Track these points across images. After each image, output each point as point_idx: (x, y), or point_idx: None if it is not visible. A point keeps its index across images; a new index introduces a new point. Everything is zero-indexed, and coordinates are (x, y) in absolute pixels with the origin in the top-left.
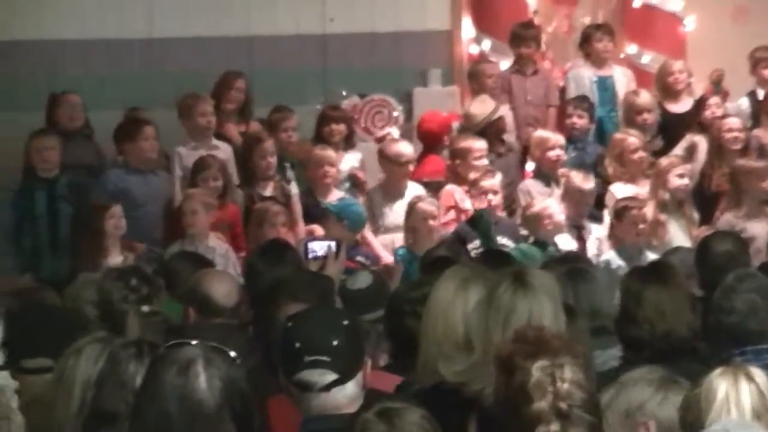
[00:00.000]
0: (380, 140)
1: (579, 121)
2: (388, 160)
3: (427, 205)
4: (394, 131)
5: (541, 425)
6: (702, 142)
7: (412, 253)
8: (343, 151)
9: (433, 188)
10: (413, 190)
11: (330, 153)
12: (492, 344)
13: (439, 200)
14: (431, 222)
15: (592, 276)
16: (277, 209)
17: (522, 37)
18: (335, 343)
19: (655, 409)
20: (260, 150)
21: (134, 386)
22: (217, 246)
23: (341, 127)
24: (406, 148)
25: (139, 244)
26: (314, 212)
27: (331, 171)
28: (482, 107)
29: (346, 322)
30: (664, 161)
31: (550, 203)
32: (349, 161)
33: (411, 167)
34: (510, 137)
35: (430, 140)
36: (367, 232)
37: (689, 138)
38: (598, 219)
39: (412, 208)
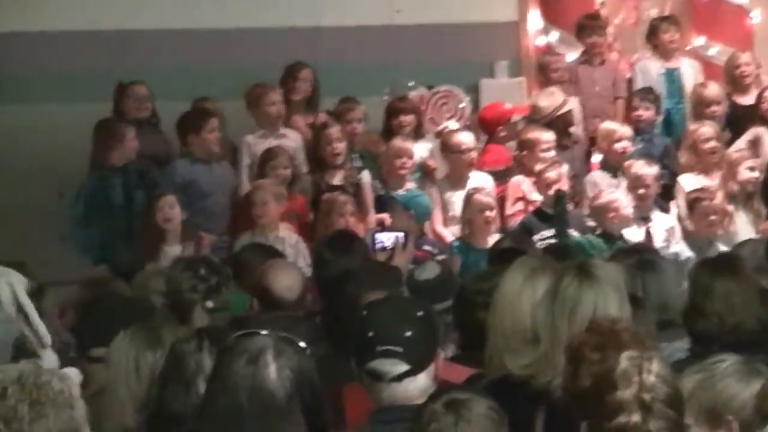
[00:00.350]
0: (440, 133)
1: (645, 113)
2: (449, 151)
3: (484, 197)
4: (452, 124)
5: (622, 415)
6: (765, 135)
7: (468, 245)
8: (412, 141)
9: (497, 177)
10: (478, 179)
11: (408, 145)
12: (558, 337)
13: (504, 190)
14: (488, 213)
15: (661, 267)
16: (345, 198)
17: (589, 27)
18: (408, 333)
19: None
20: (327, 136)
21: (197, 382)
22: (287, 236)
23: (410, 118)
24: (466, 138)
25: (208, 235)
26: (382, 202)
27: (408, 163)
28: (550, 100)
29: (420, 313)
30: (734, 153)
31: (618, 195)
32: (418, 152)
33: (473, 156)
34: (576, 129)
35: (485, 129)
36: (437, 223)
37: (753, 131)
38: (665, 210)
39: (468, 200)
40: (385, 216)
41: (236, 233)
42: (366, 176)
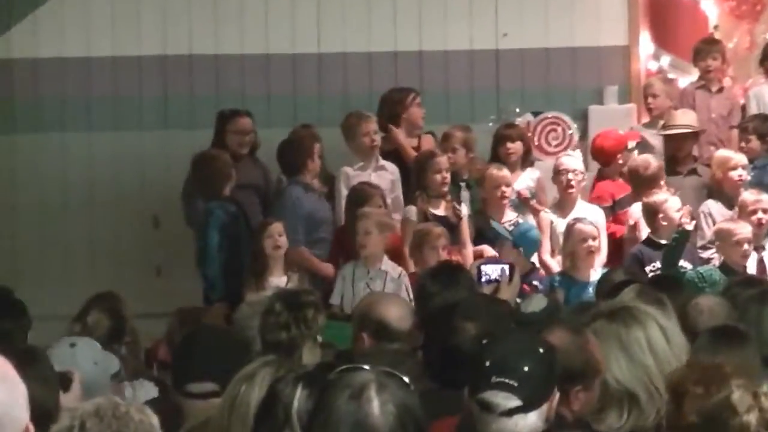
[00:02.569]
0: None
1: (746, 145)
2: (556, 175)
3: (586, 226)
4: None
5: None
6: None
7: (570, 278)
8: (520, 169)
9: (608, 212)
10: (586, 210)
11: (506, 173)
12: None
13: (618, 223)
14: (590, 243)
15: None
16: (439, 231)
17: (706, 50)
18: (526, 368)
19: None
20: (435, 165)
21: (292, 421)
22: (390, 270)
23: (517, 146)
24: (569, 160)
25: (328, 265)
26: (487, 235)
27: (507, 191)
28: (686, 117)
29: (542, 350)
30: None
31: (741, 227)
32: (525, 180)
33: (577, 180)
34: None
35: (602, 158)
36: (544, 252)
37: None
38: None
39: (570, 231)
40: (486, 247)
41: (335, 265)
42: (465, 209)
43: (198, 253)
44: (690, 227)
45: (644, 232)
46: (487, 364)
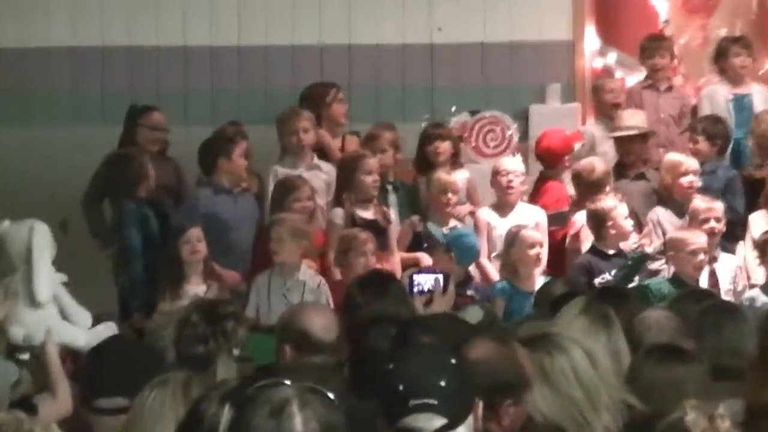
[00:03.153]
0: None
1: (694, 146)
2: (493, 176)
3: (532, 232)
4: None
5: None
6: None
7: (513, 287)
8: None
9: (557, 221)
10: (530, 214)
11: (453, 179)
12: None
13: (565, 233)
14: (538, 251)
15: (741, 315)
16: (366, 236)
17: (653, 48)
18: (443, 383)
19: None
20: (365, 166)
21: None
22: (308, 279)
23: (446, 146)
24: (508, 162)
25: (233, 273)
26: (421, 241)
27: (453, 198)
28: (635, 119)
29: (453, 361)
30: None
31: (694, 236)
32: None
33: (515, 182)
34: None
35: (549, 160)
36: (482, 256)
37: None
38: (730, 250)
39: (514, 237)
40: (422, 254)
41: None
42: (393, 214)
43: (117, 256)
44: (650, 249)
45: (586, 240)
46: (401, 388)
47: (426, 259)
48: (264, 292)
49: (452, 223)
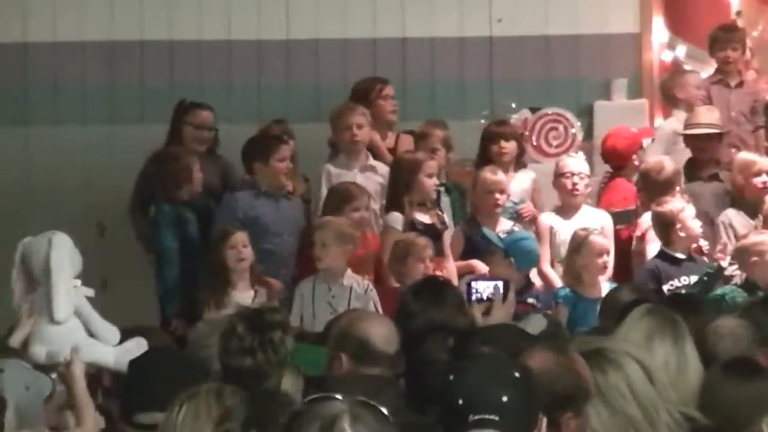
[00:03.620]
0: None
1: None
2: (556, 178)
3: (600, 239)
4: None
5: None
6: None
7: (577, 294)
8: (513, 171)
9: (623, 219)
10: (594, 217)
11: (501, 177)
12: None
13: (630, 233)
14: (605, 259)
15: None
16: (425, 242)
17: (724, 40)
18: (505, 398)
19: None
20: (426, 168)
21: None
22: (354, 284)
23: (511, 145)
24: (572, 162)
25: (275, 281)
26: (477, 246)
27: (501, 198)
28: (712, 116)
29: (517, 374)
30: None
31: (765, 238)
32: (519, 183)
33: (581, 184)
34: None
35: (614, 160)
36: (544, 262)
37: None
38: None
39: (581, 243)
40: (476, 262)
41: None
42: (447, 217)
43: (155, 261)
44: (725, 263)
45: (652, 242)
46: (460, 402)
47: (480, 266)
48: (308, 300)
49: (504, 225)
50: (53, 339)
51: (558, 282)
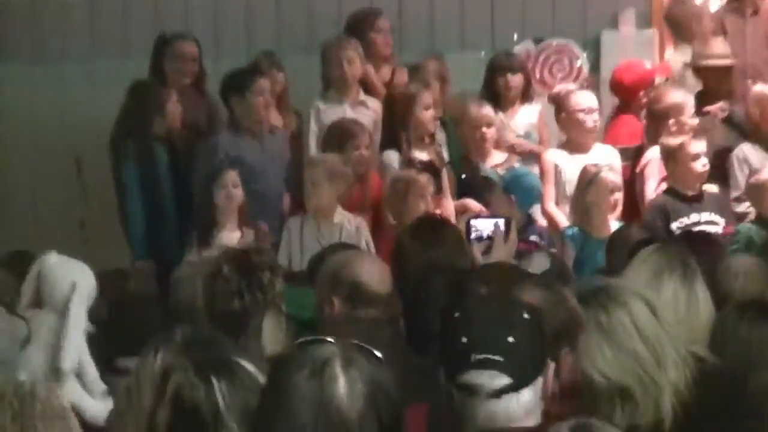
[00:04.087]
0: (553, 97)
1: None
2: (566, 114)
3: (614, 176)
4: (570, 86)
5: None
6: None
7: (584, 234)
8: (519, 104)
9: (629, 155)
10: (603, 153)
11: (486, 112)
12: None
13: (635, 170)
14: (617, 196)
15: None
16: (425, 179)
17: None
18: (511, 339)
19: None
20: (422, 101)
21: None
22: (344, 222)
23: (517, 78)
24: (586, 98)
25: (263, 225)
26: (473, 182)
27: (489, 132)
28: (723, 47)
29: (525, 315)
30: None
31: None
32: (525, 116)
33: (596, 120)
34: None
35: (621, 95)
36: (549, 201)
37: None
38: None
39: (592, 180)
40: (470, 201)
41: None
42: (445, 152)
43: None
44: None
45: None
46: (464, 340)
47: (474, 204)
48: (296, 238)
49: (497, 158)
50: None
51: (564, 222)
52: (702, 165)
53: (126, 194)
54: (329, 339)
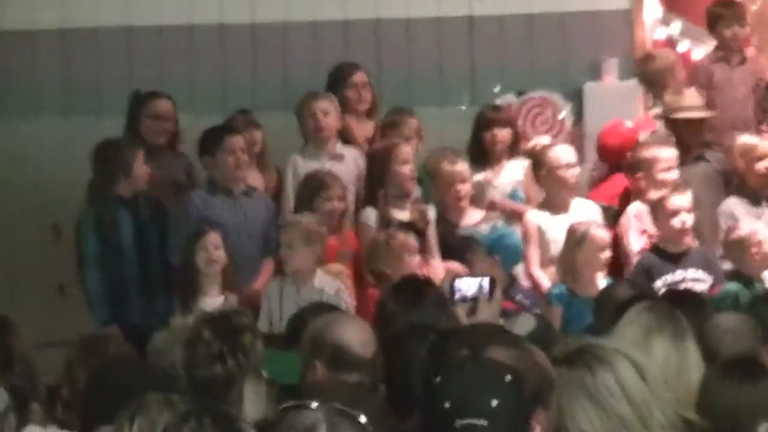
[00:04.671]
0: (531, 151)
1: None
2: (546, 170)
3: (603, 234)
4: (544, 138)
5: None
6: None
7: (572, 294)
8: (506, 160)
9: (611, 215)
10: (582, 209)
11: (460, 168)
12: None
13: (621, 224)
14: (607, 254)
15: None
16: (412, 240)
17: (727, 16)
18: (494, 403)
19: None
20: (399, 155)
21: None
22: (326, 286)
23: (505, 133)
24: (565, 152)
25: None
26: (451, 242)
27: (463, 189)
28: (697, 98)
29: (508, 377)
30: None
31: (759, 227)
32: (512, 172)
33: (576, 175)
34: None
35: (608, 159)
36: (533, 264)
37: None
38: None
39: (583, 238)
40: (453, 264)
41: None
42: (431, 211)
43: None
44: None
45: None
46: (447, 405)
47: (455, 266)
48: (275, 302)
49: (473, 217)
50: None
51: (548, 285)
52: (681, 221)
53: (85, 262)
54: (313, 404)
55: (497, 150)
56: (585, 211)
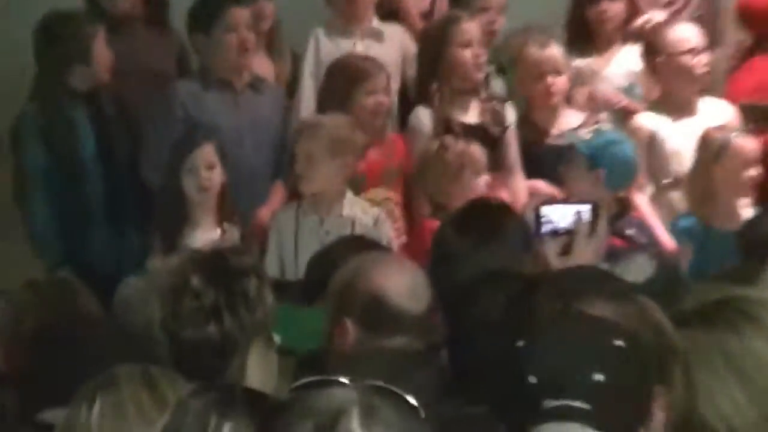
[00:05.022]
0: (640, 32)
1: None
2: (662, 56)
3: (751, 144)
4: (658, 15)
5: None
6: None
7: (705, 226)
8: (619, 44)
9: (758, 115)
10: (715, 109)
11: (551, 54)
12: None
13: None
14: (752, 173)
15: None
16: (478, 152)
17: None
18: (599, 378)
19: None
20: (458, 35)
21: None
22: (357, 213)
23: (616, 6)
24: (688, 33)
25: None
26: (539, 153)
27: (557, 82)
28: None
29: (618, 342)
30: None
31: None
32: (627, 60)
33: (703, 67)
34: None
35: (754, 28)
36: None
37: None
38: None
39: (722, 150)
40: (539, 182)
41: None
42: (510, 111)
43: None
44: None
45: None
46: (533, 380)
47: (543, 186)
48: (289, 238)
49: (571, 119)
50: None
51: (655, 222)
52: None
53: (28, 184)
54: (342, 380)
55: (607, 29)
56: (717, 115)
